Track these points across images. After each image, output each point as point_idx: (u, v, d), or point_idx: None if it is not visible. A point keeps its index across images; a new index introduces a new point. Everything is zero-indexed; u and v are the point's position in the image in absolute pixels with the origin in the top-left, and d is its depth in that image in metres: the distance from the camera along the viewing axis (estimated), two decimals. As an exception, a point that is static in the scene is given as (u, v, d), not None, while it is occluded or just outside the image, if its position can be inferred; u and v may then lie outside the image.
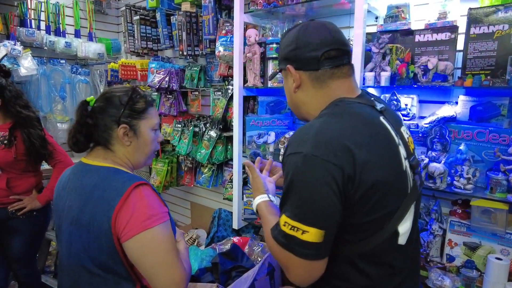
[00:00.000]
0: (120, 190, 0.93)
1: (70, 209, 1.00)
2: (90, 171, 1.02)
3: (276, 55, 1.94)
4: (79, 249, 0.97)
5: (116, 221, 0.91)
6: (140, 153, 1.07)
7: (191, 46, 2.49)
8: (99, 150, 1.06)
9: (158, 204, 0.96)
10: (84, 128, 1.03)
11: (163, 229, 0.94)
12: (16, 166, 1.90)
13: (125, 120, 1.02)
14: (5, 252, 2.02)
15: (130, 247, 0.92)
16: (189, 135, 2.56)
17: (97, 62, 3.24)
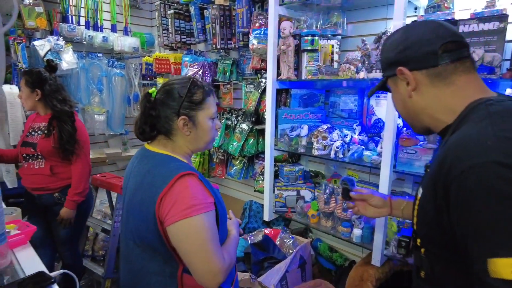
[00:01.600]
0: (166, 178, 0.97)
1: (129, 190, 1.09)
2: (148, 157, 1.09)
3: (311, 47, 1.92)
4: (132, 226, 1.06)
5: (160, 207, 0.96)
6: (199, 140, 1.12)
7: (224, 40, 2.52)
8: (161, 138, 1.12)
9: (201, 194, 0.98)
10: (148, 119, 1.09)
11: (203, 219, 0.96)
12: (56, 154, 2.00)
13: (184, 112, 1.06)
14: (53, 235, 2.15)
15: (170, 232, 0.96)
16: (221, 128, 2.59)
17: (132, 56, 3.34)
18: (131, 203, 1.06)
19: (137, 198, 1.03)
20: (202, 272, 0.95)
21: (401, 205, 1.19)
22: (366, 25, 1.99)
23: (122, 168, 3.64)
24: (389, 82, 0.90)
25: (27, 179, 2.07)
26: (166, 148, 1.10)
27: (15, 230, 1.09)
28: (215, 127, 1.16)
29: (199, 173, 1.04)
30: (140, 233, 1.03)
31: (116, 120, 3.28)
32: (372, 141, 1.85)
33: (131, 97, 3.42)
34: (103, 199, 3.07)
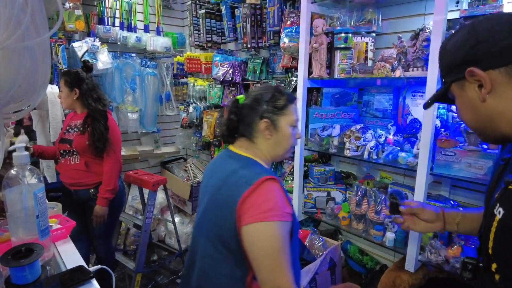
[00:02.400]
0: (251, 180, 0.99)
1: (211, 187, 1.12)
2: (232, 157, 1.14)
3: (344, 44, 1.88)
4: (210, 223, 1.08)
5: (240, 207, 0.97)
6: (279, 146, 1.14)
7: (255, 38, 2.51)
8: (243, 141, 1.16)
9: (282, 202, 0.98)
10: (233, 122, 1.15)
11: (279, 227, 0.95)
12: (89, 151, 2.08)
13: (267, 115, 1.10)
14: (88, 229, 2.24)
15: (245, 233, 0.97)
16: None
17: (164, 56, 3.42)
18: (213, 201, 1.08)
19: (220, 196, 1.06)
20: (266, 281, 0.95)
21: (455, 219, 1.11)
22: (402, 21, 1.92)
23: (153, 165, 3.73)
24: (453, 88, 0.80)
25: (65, 174, 2.17)
26: (248, 151, 1.14)
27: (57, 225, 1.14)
28: (297, 136, 1.18)
29: (280, 180, 1.05)
30: (218, 231, 1.05)
31: (149, 118, 3.36)
32: (407, 142, 1.78)
33: (163, 96, 3.50)
34: (135, 195, 3.17)
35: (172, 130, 3.80)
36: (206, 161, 3.56)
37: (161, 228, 3.48)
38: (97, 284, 0.86)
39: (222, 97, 2.84)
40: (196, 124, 3.28)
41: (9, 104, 0.83)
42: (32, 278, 0.83)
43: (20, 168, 0.91)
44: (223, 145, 3.00)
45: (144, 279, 2.82)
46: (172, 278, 2.94)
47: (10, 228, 0.92)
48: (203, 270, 1.10)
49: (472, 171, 1.48)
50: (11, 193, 0.90)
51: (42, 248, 0.86)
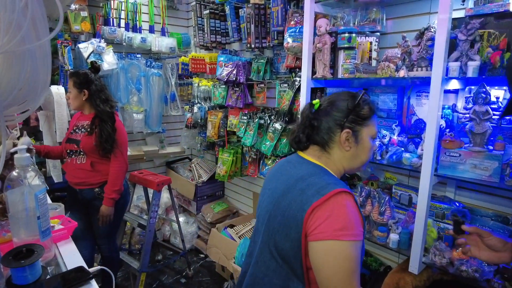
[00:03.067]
0: (322, 189, 0.91)
1: (275, 190, 1.04)
2: (301, 163, 1.05)
3: (348, 44, 1.86)
4: (270, 229, 1.00)
5: (309, 218, 0.89)
6: (357, 159, 1.05)
7: (259, 39, 2.51)
8: (315, 149, 1.07)
9: (356, 220, 0.89)
10: (307, 129, 1.06)
11: (353, 248, 0.87)
12: (96, 151, 2.10)
13: (349, 125, 1.01)
14: (93, 228, 2.26)
15: (314, 249, 0.89)
16: (254, 127, 2.59)
17: (169, 56, 3.43)
18: (276, 206, 1.00)
19: (285, 201, 0.97)
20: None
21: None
22: (407, 21, 1.90)
23: (159, 165, 3.76)
24: None
25: (70, 173, 2.19)
26: (320, 159, 1.04)
27: (59, 225, 1.15)
28: (375, 149, 1.10)
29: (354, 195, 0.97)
30: (277, 238, 0.97)
31: (154, 118, 3.38)
32: (412, 143, 1.76)
33: (168, 96, 3.51)
34: (140, 194, 3.19)
35: (177, 130, 3.81)
36: (210, 161, 3.57)
37: (166, 228, 3.49)
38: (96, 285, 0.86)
39: (226, 97, 2.84)
40: (201, 124, 3.29)
41: (10, 107, 0.84)
42: (32, 279, 0.84)
43: (22, 169, 0.92)
44: (227, 145, 3.00)
45: (148, 279, 2.84)
46: (176, 277, 2.95)
47: (12, 229, 0.93)
48: (255, 276, 1.04)
49: (478, 172, 1.46)
50: (12, 194, 0.91)
51: (43, 249, 0.87)
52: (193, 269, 3.03)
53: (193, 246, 3.39)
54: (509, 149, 1.46)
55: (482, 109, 1.46)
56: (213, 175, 3.27)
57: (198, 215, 3.36)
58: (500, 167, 1.41)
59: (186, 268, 2.99)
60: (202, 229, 3.35)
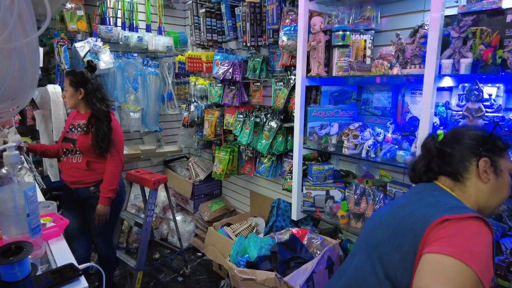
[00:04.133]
0: (457, 209, 0.83)
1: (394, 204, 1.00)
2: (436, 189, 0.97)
3: (342, 42, 1.86)
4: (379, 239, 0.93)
5: (434, 228, 0.80)
6: (496, 195, 0.95)
7: (255, 37, 2.51)
8: (446, 180, 0.99)
9: (488, 256, 0.77)
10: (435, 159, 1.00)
11: (471, 280, 0.73)
12: (92, 150, 2.10)
13: (486, 154, 0.94)
14: (89, 227, 2.27)
15: (426, 260, 0.78)
16: (250, 125, 2.59)
17: (165, 55, 3.43)
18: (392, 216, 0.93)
19: (405, 211, 0.90)
20: None
21: None
22: (402, 18, 1.90)
23: (156, 164, 3.76)
24: None
25: (66, 172, 2.20)
26: (453, 191, 0.96)
27: (51, 223, 1.15)
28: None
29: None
30: (385, 249, 0.89)
31: (151, 117, 3.39)
32: (406, 140, 1.76)
33: (165, 95, 3.52)
34: (137, 193, 3.19)
35: (174, 129, 3.82)
36: (207, 159, 3.58)
37: (163, 227, 3.50)
38: (85, 281, 0.86)
39: (223, 96, 2.84)
40: (198, 123, 3.29)
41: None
42: (21, 276, 0.84)
43: (11, 167, 0.92)
44: (223, 144, 3.01)
45: (146, 277, 2.84)
46: (173, 276, 2.96)
47: (1, 226, 0.93)
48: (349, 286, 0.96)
49: (470, 169, 1.46)
50: (2, 192, 0.91)
51: (32, 246, 0.87)
52: (190, 267, 3.03)
53: (190, 245, 3.39)
54: (502, 146, 1.46)
55: (475, 106, 1.46)
56: (210, 174, 3.27)
57: (195, 214, 3.37)
58: (493, 164, 1.41)
59: (184, 267, 3.00)
60: (199, 228, 3.35)
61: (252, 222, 2.87)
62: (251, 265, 1.89)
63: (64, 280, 0.86)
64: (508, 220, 1.53)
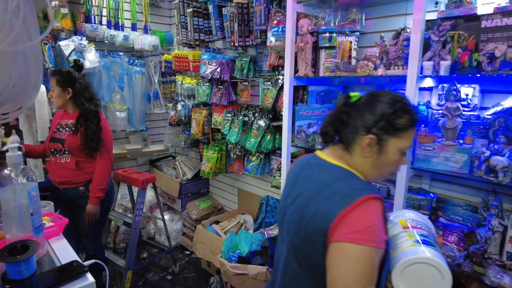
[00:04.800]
0: (348, 197, 0.86)
1: (298, 197, 0.99)
2: (323, 167, 0.99)
3: (328, 43, 1.93)
4: (296, 239, 0.96)
5: (335, 226, 0.85)
6: (376, 170, 0.97)
7: (242, 37, 2.55)
8: (337, 147, 1.01)
9: (380, 226, 0.85)
10: (336, 122, 0.99)
11: (369, 254, 0.81)
12: (81, 150, 2.09)
13: (376, 132, 0.93)
14: (77, 227, 2.25)
15: (331, 249, 0.85)
16: (239, 124, 2.64)
17: (152, 54, 3.42)
18: (302, 215, 0.94)
19: (310, 210, 0.92)
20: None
21: None
22: (385, 21, 1.98)
23: (142, 163, 3.75)
24: None
25: (54, 172, 2.18)
26: (341, 160, 0.98)
27: (49, 222, 1.16)
28: (402, 162, 0.99)
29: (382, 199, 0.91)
30: (305, 247, 0.93)
31: (137, 116, 3.37)
32: (389, 138, 1.84)
33: (151, 94, 3.51)
34: (125, 193, 3.18)
35: (161, 128, 3.81)
36: (195, 158, 3.59)
37: (150, 226, 3.50)
38: (92, 277, 0.89)
39: (211, 95, 2.87)
40: (185, 122, 3.30)
41: (3, 105, 0.86)
42: (28, 274, 0.86)
43: (14, 167, 0.93)
44: (211, 142, 3.04)
45: (134, 277, 2.84)
46: (162, 274, 2.97)
47: (4, 225, 0.94)
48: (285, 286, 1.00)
49: (450, 164, 1.56)
50: (5, 192, 0.92)
51: (37, 245, 0.89)
52: (179, 265, 3.05)
53: (178, 243, 3.41)
54: (477, 142, 1.57)
55: (453, 106, 1.56)
56: (197, 173, 3.29)
57: (183, 213, 3.38)
58: (469, 160, 1.51)
59: (172, 265, 3.02)
60: (187, 226, 3.37)
61: (241, 219, 2.92)
62: (242, 260, 1.94)
63: (70, 276, 0.88)
64: (483, 211, 1.63)
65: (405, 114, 0.93)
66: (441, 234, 1.68)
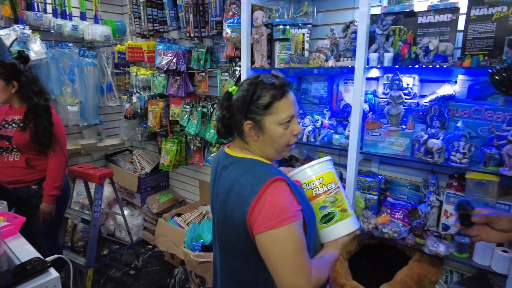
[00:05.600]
0: (256, 186, 0.92)
1: (218, 196, 1.04)
2: (231, 163, 1.03)
3: (282, 36, 1.99)
4: (224, 235, 1.02)
5: (251, 216, 0.92)
6: (270, 147, 1.03)
7: (198, 28, 2.54)
8: (237, 140, 1.08)
9: (290, 202, 0.92)
10: (224, 119, 1.04)
11: (291, 229, 0.90)
12: (32, 147, 2.00)
13: (249, 116, 0.99)
14: (30, 227, 2.15)
15: (258, 242, 0.92)
16: (198, 115, 2.65)
17: (103, 45, 3.29)
18: (222, 213, 1.01)
19: (228, 208, 0.98)
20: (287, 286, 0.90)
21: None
22: (335, 14, 2.08)
23: (97, 158, 3.62)
24: None
25: (1, 172, 2.05)
26: (243, 150, 1.05)
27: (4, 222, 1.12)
28: (293, 132, 1.04)
29: (286, 176, 0.98)
30: (233, 242, 1.00)
31: (90, 110, 3.24)
32: (341, 125, 1.97)
33: (104, 86, 3.38)
34: (81, 190, 3.07)
35: (116, 122, 3.70)
36: (153, 151, 3.54)
37: (110, 222, 3.41)
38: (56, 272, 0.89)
39: (167, 86, 2.84)
40: (141, 114, 3.23)
41: None
42: (-15, 274, 0.84)
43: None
44: (170, 135, 3.02)
45: (95, 274, 2.78)
46: (125, 270, 2.93)
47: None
48: (227, 279, 1.06)
49: (394, 148, 1.71)
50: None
51: (-7, 244, 0.87)
52: (141, 260, 3.03)
53: (139, 238, 3.37)
54: (417, 127, 1.73)
55: (396, 94, 1.70)
56: (156, 166, 3.26)
57: (143, 207, 3.34)
58: (411, 143, 1.67)
59: (135, 260, 2.99)
60: (148, 221, 3.33)
61: (203, 210, 2.95)
62: (206, 248, 1.98)
63: (32, 273, 0.87)
64: (424, 189, 1.82)
65: (265, 92, 0.98)
66: (389, 212, 1.84)
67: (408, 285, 1.69)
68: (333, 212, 1.06)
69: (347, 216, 1.07)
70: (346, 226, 1.07)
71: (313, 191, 1.08)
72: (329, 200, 1.07)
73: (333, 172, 1.11)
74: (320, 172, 1.09)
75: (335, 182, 1.09)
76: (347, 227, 1.07)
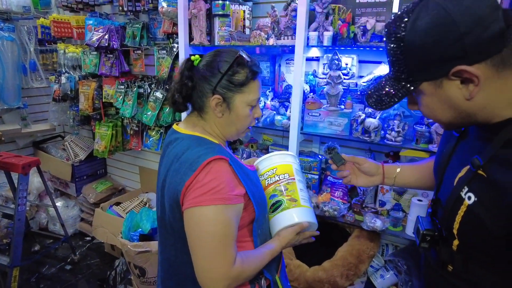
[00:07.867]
0: (193, 165, 0.87)
1: (160, 174, 1.01)
2: (176, 139, 0.98)
3: (222, 11, 1.89)
4: (165, 216, 0.97)
5: (184, 196, 0.87)
6: (231, 127, 1.00)
7: (132, 2, 2.33)
8: (192, 115, 1.01)
9: (226, 183, 0.86)
10: (183, 88, 0.96)
11: (219, 211, 0.84)
12: None
13: (220, 91, 0.93)
14: None
15: (184, 219, 0.88)
16: (133, 96, 2.46)
17: (22, 17, 2.90)
18: (163, 193, 0.97)
19: (165, 187, 0.94)
20: (201, 272, 0.85)
21: (393, 173, 1.10)
22: (277, -9, 2.02)
23: (23, 146, 3.26)
24: (424, 87, 0.68)
25: None
26: (195, 128, 0.99)
27: None
28: (254, 116, 1.02)
29: (231, 157, 0.93)
30: (171, 223, 0.95)
31: (10, 92, 2.87)
32: (283, 106, 1.94)
33: (27, 65, 3.01)
34: (3, 181, 2.75)
35: (43, 105, 3.34)
36: (87, 137, 3.27)
37: (41, 215, 3.13)
38: None
39: (99, 65, 2.59)
40: (71, 96, 2.94)
41: None
42: None
43: None
44: (104, 118, 2.79)
45: (25, 274, 2.54)
46: (60, 265, 2.72)
47: None
48: (169, 261, 1.03)
49: (333, 128, 1.72)
50: None
51: None
52: (79, 253, 2.82)
53: (76, 230, 3.13)
54: (356, 107, 1.75)
55: (335, 74, 1.70)
56: (91, 153, 3.01)
57: (79, 197, 3.09)
58: (349, 123, 1.69)
59: (71, 254, 2.77)
60: (85, 212, 3.10)
61: (144, 198, 2.81)
62: (145, 238, 1.88)
63: None
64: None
65: (242, 68, 0.94)
66: (329, 191, 1.87)
67: (348, 260, 1.74)
68: (281, 201, 1.04)
69: (295, 206, 1.03)
70: (290, 216, 1.02)
71: (266, 180, 1.08)
72: (279, 189, 1.06)
73: (292, 166, 1.11)
74: (277, 163, 1.10)
75: (290, 174, 1.08)
76: (290, 217, 1.02)
